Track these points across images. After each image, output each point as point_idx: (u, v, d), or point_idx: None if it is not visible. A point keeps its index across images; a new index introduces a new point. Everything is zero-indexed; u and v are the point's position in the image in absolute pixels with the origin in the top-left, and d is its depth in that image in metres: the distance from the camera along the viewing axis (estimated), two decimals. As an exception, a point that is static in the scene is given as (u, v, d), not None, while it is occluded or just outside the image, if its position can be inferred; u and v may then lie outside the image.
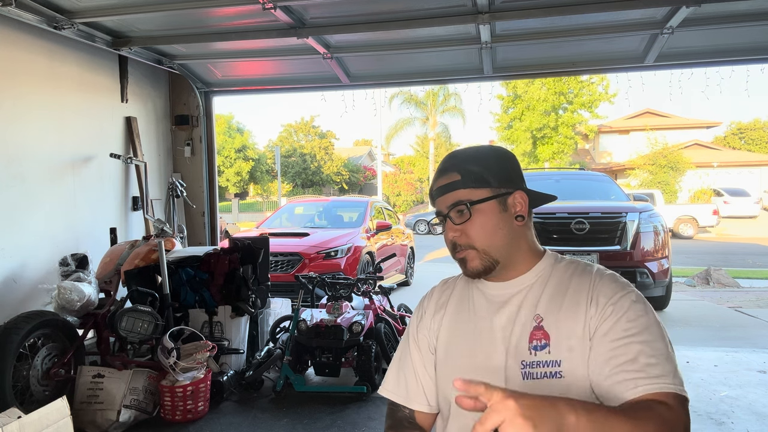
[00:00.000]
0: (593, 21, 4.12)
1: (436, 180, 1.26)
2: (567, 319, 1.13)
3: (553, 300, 1.17)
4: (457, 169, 1.22)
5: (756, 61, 4.77)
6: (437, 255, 15.05)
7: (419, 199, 33.63)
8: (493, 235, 1.20)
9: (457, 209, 1.20)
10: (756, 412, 3.58)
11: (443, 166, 1.26)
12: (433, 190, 1.27)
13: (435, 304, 1.34)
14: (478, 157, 1.24)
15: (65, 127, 4.40)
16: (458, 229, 1.21)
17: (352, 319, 4.03)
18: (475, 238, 1.20)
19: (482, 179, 1.20)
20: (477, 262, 1.21)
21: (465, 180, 1.20)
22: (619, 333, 1.07)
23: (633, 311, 1.09)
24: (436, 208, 1.27)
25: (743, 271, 11.37)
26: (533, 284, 1.21)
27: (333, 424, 3.47)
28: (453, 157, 1.28)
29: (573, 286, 1.17)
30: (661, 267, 6.20)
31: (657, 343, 1.06)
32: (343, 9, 3.97)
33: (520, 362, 1.14)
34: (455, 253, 1.24)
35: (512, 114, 30.64)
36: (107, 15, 3.95)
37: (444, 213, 1.23)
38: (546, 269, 1.23)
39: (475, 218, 1.19)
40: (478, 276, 1.23)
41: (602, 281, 1.16)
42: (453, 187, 1.21)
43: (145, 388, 3.51)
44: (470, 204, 1.19)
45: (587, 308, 1.13)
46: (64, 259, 3.92)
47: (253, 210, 30.76)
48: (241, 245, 4.43)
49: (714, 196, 24.72)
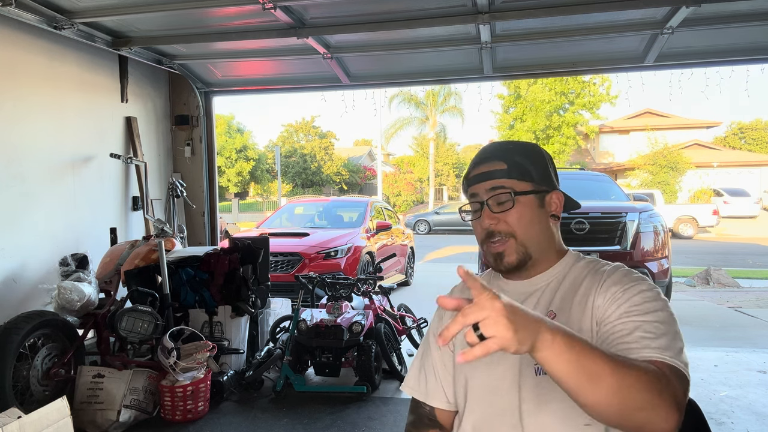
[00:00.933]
0: (593, 21, 4.12)
1: (476, 166, 1.25)
2: (577, 313, 1.14)
3: (566, 298, 1.17)
4: (503, 158, 1.22)
5: (756, 61, 4.77)
6: (437, 255, 15.06)
7: (419, 199, 33.62)
8: (530, 227, 1.20)
9: (497, 197, 1.20)
10: (756, 412, 3.58)
11: (487, 153, 1.26)
12: (471, 175, 1.25)
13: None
14: (524, 151, 1.25)
15: (65, 127, 4.40)
16: (496, 217, 1.20)
17: (352, 319, 4.03)
18: (514, 227, 1.19)
19: (527, 172, 1.21)
20: (513, 256, 1.20)
21: (510, 170, 1.20)
22: (620, 314, 1.06)
23: (641, 296, 1.07)
24: (471, 192, 1.25)
25: (743, 271, 11.37)
26: (551, 282, 1.22)
27: (333, 424, 3.47)
28: (499, 146, 1.28)
29: (585, 284, 1.17)
30: (661, 267, 6.20)
31: (660, 324, 1.02)
32: (343, 9, 3.97)
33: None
34: (490, 242, 1.22)
35: (513, 114, 30.64)
36: (107, 15, 3.95)
37: (483, 199, 1.22)
38: (564, 268, 1.24)
39: (516, 208, 1.19)
40: (510, 271, 1.22)
41: (617, 273, 1.15)
42: (497, 175, 1.21)
43: (145, 388, 3.51)
44: (514, 193, 1.19)
45: (594, 299, 1.12)
46: (64, 259, 3.92)
47: (253, 210, 30.76)
48: (241, 245, 4.43)
49: (714, 196, 24.71)
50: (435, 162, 33.31)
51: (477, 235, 1.26)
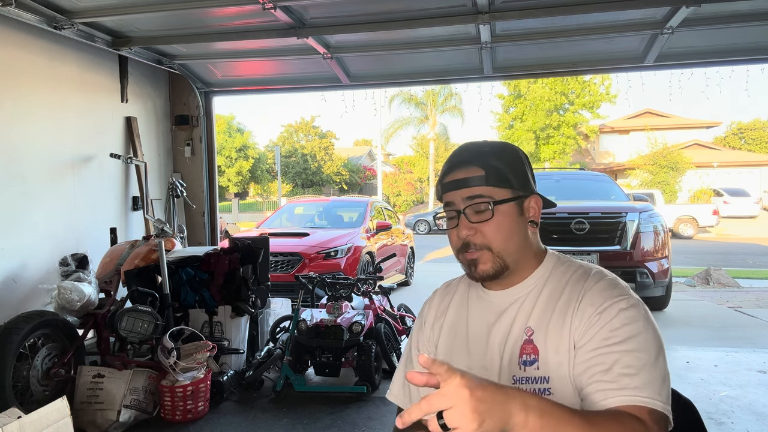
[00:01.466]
0: (593, 21, 4.12)
1: (451, 171, 1.17)
2: (554, 332, 1.09)
3: (545, 312, 1.12)
4: (480, 164, 1.14)
5: (756, 61, 4.77)
6: (437, 255, 15.05)
7: (419, 199, 33.62)
8: (509, 238, 1.14)
9: (475, 206, 1.13)
10: (756, 412, 3.58)
11: (463, 157, 1.18)
12: (445, 181, 1.18)
13: (435, 311, 1.32)
14: (501, 154, 1.17)
15: (65, 127, 4.40)
16: (474, 228, 1.13)
17: (352, 319, 4.03)
18: (492, 238, 1.13)
19: (506, 178, 1.14)
20: (489, 265, 1.14)
21: (489, 177, 1.13)
22: (599, 342, 1.02)
23: (618, 319, 1.03)
24: (446, 200, 1.18)
25: (743, 271, 11.37)
26: (530, 292, 1.17)
27: (333, 424, 3.47)
28: (474, 150, 1.19)
29: (565, 296, 1.12)
30: (661, 267, 6.20)
31: (639, 353, 0.99)
32: (343, 9, 3.97)
33: (512, 377, 1.11)
34: (466, 252, 1.16)
35: (513, 113, 30.64)
36: (107, 15, 3.95)
37: (459, 208, 1.15)
38: (544, 275, 1.18)
39: (495, 219, 1.13)
40: (485, 280, 1.17)
41: (593, 289, 1.09)
42: (474, 182, 1.13)
43: (145, 388, 3.51)
44: (493, 203, 1.13)
45: (572, 319, 1.07)
46: (64, 259, 3.92)
47: (253, 210, 30.76)
48: (241, 245, 4.43)
49: (714, 196, 24.72)
50: (435, 162, 33.30)
51: (452, 244, 1.19)
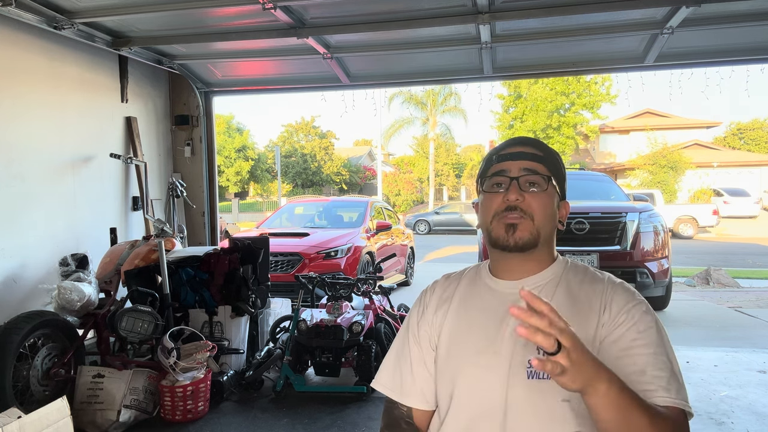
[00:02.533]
0: (593, 21, 4.12)
1: (512, 145, 1.25)
2: (578, 324, 1.12)
3: (564, 305, 1.16)
4: (541, 149, 1.24)
5: (756, 61, 4.77)
6: (437, 255, 15.06)
7: (419, 199, 33.62)
8: (548, 219, 1.20)
9: (531, 178, 1.19)
10: (756, 412, 3.58)
11: (525, 139, 1.26)
12: (504, 152, 1.24)
13: (438, 299, 1.31)
14: (555, 154, 1.28)
15: (65, 127, 4.40)
16: (524, 195, 1.18)
17: (352, 319, 4.03)
18: (537, 211, 1.18)
19: (557, 171, 1.24)
20: (527, 233, 1.17)
21: (546, 159, 1.22)
22: (627, 342, 1.09)
23: (643, 322, 1.11)
24: (499, 168, 1.22)
25: (743, 271, 11.37)
26: (545, 285, 1.21)
27: (333, 424, 3.47)
28: (534, 138, 1.30)
29: (585, 292, 1.18)
30: (661, 267, 6.19)
31: (663, 356, 1.08)
32: (343, 9, 3.97)
33: (528, 361, 1.12)
34: (507, 215, 1.18)
35: (513, 113, 30.63)
36: (107, 15, 3.95)
37: (513, 175, 1.20)
38: (558, 272, 1.23)
39: (545, 194, 1.20)
40: (517, 247, 1.18)
41: (615, 289, 1.17)
42: (535, 158, 1.21)
43: (145, 388, 3.51)
44: (549, 179, 1.20)
45: (600, 314, 1.14)
46: (64, 259, 3.92)
47: (253, 210, 30.76)
48: (241, 245, 4.43)
49: (714, 196, 24.72)
50: (435, 162, 33.30)
51: (490, 208, 1.21)
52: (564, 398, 1.09)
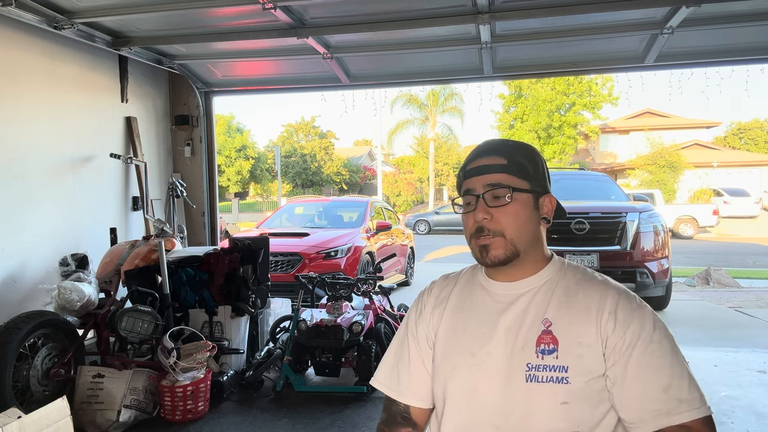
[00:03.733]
0: (593, 21, 4.12)
1: (474, 159, 1.23)
2: (577, 326, 1.13)
3: (563, 306, 1.16)
4: (503, 154, 1.21)
5: (756, 61, 4.77)
6: (437, 255, 15.06)
7: (419, 199, 33.61)
8: (522, 227, 1.18)
9: (494, 192, 1.18)
10: (756, 412, 3.58)
11: (486, 148, 1.24)
12: (468, 168, 1.23)
13: (435, 299, 1.32)
14: (523, 150, 1.24)
15: (65, 127, 4.40)
16: (490, 212, 1.18)
17: (352, 319, 4.03)
18: (506, 225, 1.17)
19: (525, 171, 1.20)
20: (501, 251, 1.17)
21: (510, 166, 1.19)
22: (648, 356, 1.09)
23: (658, 332, 1.11)
24: (466, 186, 1.23)
25: (743, 271, 11.37)
26: (541, 287, 1.20)
27: (333, 424, 3.47)
28: (498, 142, 1.27)
29: (582, 293, 1.17)
30: (661, 267, 6.19)
31: (680, 364, 1.09)
32: (343, 9, 3.97)
33: (525, 364, 1.13)
34: (479, 237, 1.19)
35: (514, 113, 30.62)
36: (107, 15, 3.94)
37: (478, 193, 1.19)
38: (554, 274, 1.22)
39: (511, 205, 1.17)
40: (496, 265, 1.19)
41: (617, 293, 1.16)
42: (496, 169, 1.19)
43: (145, 388, 3.51)
44: (512, 190, 1.18)
45: (599, 317, 1.13)
46: (64, 259, 3.92)
47: (253, 210, 30.76)
48: (241, 245, 4.42)
49: (714, 196, 24.73)
50: (435, 162, 33.29)
51: (467, 229, 1.23)
52: (563, 401, 1.09)
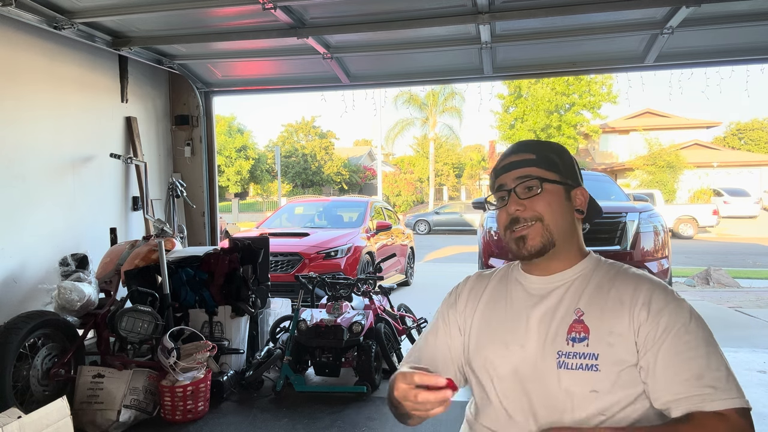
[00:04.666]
0: (593, 21, 4.12)
1: (505, 158, 1.29)
2: (610, 316, 1.14)
3: (595, 297, 1.18)
4: (531, 150, 1.27)
5: (756, 61, 4.76)
6: (437, 255, 15.06)
7: (419, 199, 33.61)
8: (558, 214, 1.22)
9: (525, 184, 1.22)
10: (756, 412, 3.55)
11: (516, 147, 1.31)
12: (499, 166, 1.29)
13: (469, 292, 1.36)
14: (552, 147, 1.31)
15: (65, 127, 4.40)
16: (523, 203, 1.22)
17: (352, 319, 4.03)
18: (543, 210, 1.21)
19: (555, 164, 1.25)
20: (538, 239, 1.20)
21: (539, 160, 1.25)
22: (681, 345, 1.08)
23: (693, 323, 1.10)
24: (499, 183, 1.28)
25: (743, 271, 11.37)
26: (575, 280, 1.23)
27: (333, 424, 3.47)
28: (528, 141, 1.34)
29: (617, 286, 1.18)
30: (661, 267, 6.19)
31: (717, 356, 1.08)
32: (343, 9, 3.97)
33: (556, 352, 1.15)
34: (514, 228, 1.22)
35: (514, 113, 30.60)
36: (107, 15, 3.94)
37: (510, 187, 1.24)
38: (588, 267, 1.24)
39: (543, 195, 1.21)
40: (533, 256, 1.22)
41: (651, 285, 1.16)
42: (526, 164, 1.24)
43: (145, 388, 3.51)
44: (542, 181, 1.22)
45: (633, 308, 1.13)
46: (64, 259, 3.92)
47: (253, 210, 30.76)
48: (241, 245, 4.42)
49: (714, 196, 24.73)
50: (435, 162, 33.28)
51: (500, 223, 1.26)
52: (593, 389, 1.11)
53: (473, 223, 21.06)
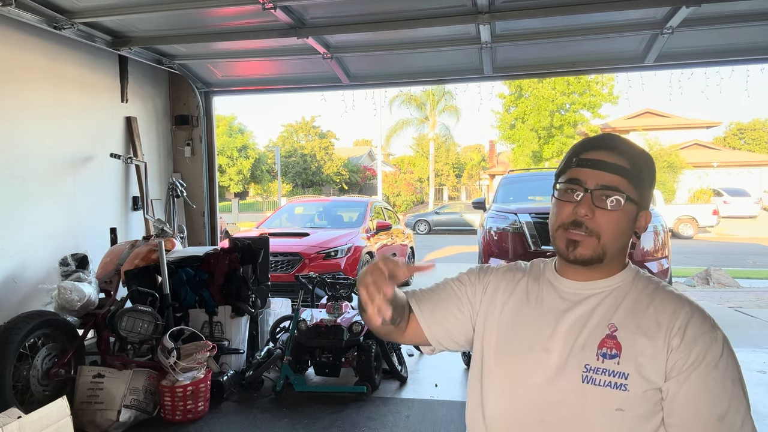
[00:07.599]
0: (593, 21, 4.12)
1: (594, 149, 1.15)
2: (644, 336, 1.09)
3: (632, 314, 1.12)
4: (628, 157, 1.13)
5: (756, 61, 4.77)
6: (437, 255, 15.05)
7: (419, 199, 33.61)
8: (619, 236, 1.13)
9: (607, 193, 1.11)
10: (756, 412, 3.55)
11: (611, 143, 1.16)
12: (584, 156, 1.15)
13: (498, 282, 1.29)
14: (646, 158, 1.17)
15: (65, 127, 4.40)
16: (594, 211, 1.11)
17: (352, 319, 4.03)
18: (605, 229, 1.11)
19: (642, 182, 1.14)
20: (589, 251, 1.12)
21: (631, 173, 1.12)
22: (709, 381, 1.05)
23: (724, 360, 1.06)
24: (575, 175, 1.14)
25: (743, 271, 11.37)
26: (612, 291, 1.16)
27: (333, 424, 3.47)
28: (624, 141, 1.18)
29: (655, 305, 1.12)
30: (661, 267, 6.19)
31: (740, 398, 1.05)
32: (343, 9, 3.97)
33: (584, 365, 1.10)
34: (570, 230, 1.13)
35: (514, 113, 30.59)
36: (107, 15, 3.94)
37: (588, 187, 1.12)
38: (627, 280, 1.18)
39: (617, 212, 1.11)
40: (578, 263, 1.14)
41: (690, 309, 1.11)
42: (617, 170, 1.11)
43: (145, 388, 3.51)
44: (627, 198, 1.11)
45: (669, 332, 1.08)
46: (64, 259, 3.92)
47: (253, 210, 30.75)
48: (241, 245, 4.42)
49: (714, 196, 24.73)
50: (435, 162, 33.28)
51: (558, 216, 1.16)
52: (618, 407, 1.06)
53: (473, 223, 21.05)
